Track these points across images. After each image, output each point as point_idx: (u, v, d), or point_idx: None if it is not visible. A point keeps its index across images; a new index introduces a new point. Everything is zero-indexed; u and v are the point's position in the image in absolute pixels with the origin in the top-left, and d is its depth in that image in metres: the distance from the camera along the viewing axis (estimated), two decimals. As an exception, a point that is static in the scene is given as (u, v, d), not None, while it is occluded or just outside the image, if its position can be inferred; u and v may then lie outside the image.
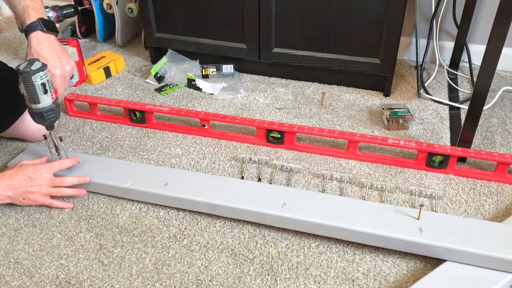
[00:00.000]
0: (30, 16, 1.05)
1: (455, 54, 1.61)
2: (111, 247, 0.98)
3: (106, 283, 0.90)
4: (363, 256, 0.94)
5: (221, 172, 1.18)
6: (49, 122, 1.04)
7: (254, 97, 1.52)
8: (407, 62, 1.72)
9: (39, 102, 1.00)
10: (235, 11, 1.49)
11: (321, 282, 0.89)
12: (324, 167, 1.19)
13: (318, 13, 1.41)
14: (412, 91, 1.54)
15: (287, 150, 1.26)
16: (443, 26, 1.65)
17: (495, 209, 1.05)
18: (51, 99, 1.01)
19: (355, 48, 1.44)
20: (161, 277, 0.91)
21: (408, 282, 0.88)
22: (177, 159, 1.23)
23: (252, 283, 0.89)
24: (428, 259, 0.92)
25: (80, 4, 1.80)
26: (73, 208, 1.07)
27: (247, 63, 1.63)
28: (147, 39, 1.68)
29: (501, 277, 0.85)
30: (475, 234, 0.89)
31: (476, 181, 1.13)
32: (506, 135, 1.31)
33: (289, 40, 1.50)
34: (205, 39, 1.60)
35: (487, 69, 1.03)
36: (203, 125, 1.31)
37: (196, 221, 1.03)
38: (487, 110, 1.41)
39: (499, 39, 0.99)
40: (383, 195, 1.08)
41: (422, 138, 1.30)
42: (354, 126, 1.36)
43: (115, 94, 1.55)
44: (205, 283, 0.89)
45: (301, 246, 0.96)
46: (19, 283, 0.90)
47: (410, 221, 0.93)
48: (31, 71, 0.95)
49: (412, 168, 1.17)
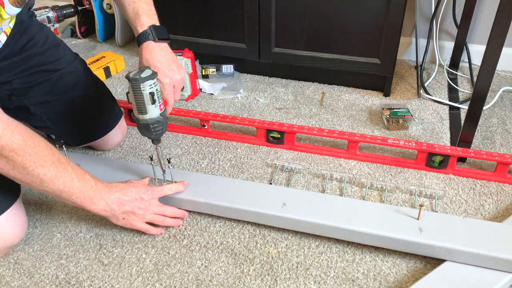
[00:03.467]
0: (141, 24, 0.98)
1: (455, 54, 1.61)
2: (111, 247, 0.97)
3: (106, 283, 0.90)
4: (363, 256, 0.94)
5: (220, 173, 1.18)
6: (155, 135, 0.95)
7: (254, 97, 1.52)
8: (407, 62, 1.72)
9: (146, 112, 0.92)
10: (235, 11, 1.48)
11: (321, 282, 0.89)
12: (324, 167, 1.19)
13: (318, 13, 1.41)
14: (412, 91, 1.54)
15: (287, 150, 1.26)
16: (443, 26, 1.65)
17: (495, 209, 1.05)
18: (159, 110, 0.93)
19: (355, 48, 1.44)
20: (161, 277, 0.91)
21: (408, 282, 0.88)
22: (177, 159, 1.23)
23: (252, 283, 0.89)
24: (428, 259, 0.92)
25: (80, 4, 1.80)
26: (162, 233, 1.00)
27: (247, 63, 1.63)
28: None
29: (501, 277, 0.85)
30: (475, 234, 0.89)
31: (476, 181, 1.13)
32: (506, 135, 1.31)
33: (289, 40, 1.49)
34: (205, 39, 1.60)
35: (487, 69, 1.03)
36: (203, 125, 1.31)
37: (196, 221, 1.03)
38: (487, 110, 1.41)
39: (499, 39, 0.99)
40: (383, 195, 1.08)
41: (422, 138, 1.30)
42: (354, 126, 1.36)
43: (115, 94, 1.54)
44: (205, 283, 0.89)
45: (301, 246, 0.96)
46: (19, 283, 0.90)
47: (410, 221, 0.93)
48: (140, 79, 0.88)
49: (412, 168, 1.17)
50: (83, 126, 1.17)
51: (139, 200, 0.93)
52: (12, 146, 0.77)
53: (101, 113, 1.20)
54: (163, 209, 0.97)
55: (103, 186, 0.90)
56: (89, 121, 1.18)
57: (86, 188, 0.87)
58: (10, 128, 0.77)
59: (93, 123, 1.18)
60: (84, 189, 0.86)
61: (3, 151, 0.76)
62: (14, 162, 0.78)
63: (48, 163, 0.81)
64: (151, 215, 0.96)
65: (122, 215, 0.93)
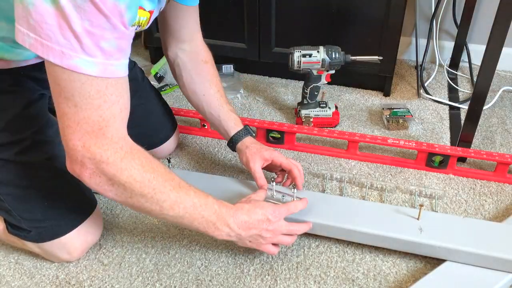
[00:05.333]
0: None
1: (455, 54, 1.61)
2: (111, 247, 0.97)
3: (106, 283, 0.90)
4: (363, 256, 0.94)
5: (220, 173, 1.18)
6: None
7: (254, 97, 1.52)
8: (407, 62, 1.72)
9: None
10: (235, 11, 1.48)
11: (321, 282, 0.89)
12: (324, 167, 1.19)
13: (318, 13, 1.41)
14: (412, 91, 1.54)
15: (287, 150, 1.26)
16: (443, 26, 1.65)
17: (495, 209, 1.05)
18: None
19: (355, 48, 1.44)
20: (161, 277, 0.91)
21: (408, 282, 0.88)
22: (177, 159, 1.23)
23: (252, 283, 0.89)
24: (428, 259, 0.92)
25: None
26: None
27: (247, 63, 1.63)
28: (147, 39, 1.68)
29: (501, 277, 0.85)
30: (475, 234, 0.89)
31: (476, 181, 1.13)
32: (506, 135, 1.31)
33: (289, 40, 1.49)
34: (205, 39, 1.59)
35: (487, 69, 1.03)
36: (203, 125, 1.31)
37: (196, 221, 1.03)
38: (487, 110, 1.41)
39: (499, 39, 0.99)
40: (383, 195, 1.08)
41: (422, 138, 1.30)
42: (354, 126, 1.36)
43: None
44: (205, 283, 0.89)
45: (301, 246, 0.96)
46: (19, 283, 0.90)
47: (410, 221, 0.93)
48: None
49: (412, 168, 1.17)
50: (143, 134, 1.15)
51: (266, 221, 0.84)
52: (131, 171, 0.72)
53: (160, 121, 1.18)
54: (291, 229, 0.88)
55: (227, 209, 0.82)
56: (149, 129, 1.14)
57: (209, 213, 0.79)
58: (132, 151, 0.73)
59: (152, 131, 1.15)
60: (207, 214, 0.79)
61: (122, 177, 0.71)
62: (132, 190, 0.73)
63: (167, 189, 0.75)
64: (281, 237, 0.87)
65: (249, 239, 0.84)
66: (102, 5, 0.59)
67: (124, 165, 0.71)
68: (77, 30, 0.59)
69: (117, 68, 0.66)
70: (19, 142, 0.85)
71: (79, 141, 0.68)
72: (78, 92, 0.64)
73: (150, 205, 0.75)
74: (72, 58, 0.61)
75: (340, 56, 1.24)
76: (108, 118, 0.68)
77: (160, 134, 1.19)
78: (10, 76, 0.86)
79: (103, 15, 0.60)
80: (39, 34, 0.59)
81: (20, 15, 0.59)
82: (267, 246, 0.87)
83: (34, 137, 0.86)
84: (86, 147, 0.68)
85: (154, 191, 0.74)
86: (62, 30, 0.59)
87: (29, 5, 0.57)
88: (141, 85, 1.14)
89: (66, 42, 0.60)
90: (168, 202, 0.76)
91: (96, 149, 0.69)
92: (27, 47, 0.61)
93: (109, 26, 0.61)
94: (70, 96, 0.65)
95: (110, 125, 0.69)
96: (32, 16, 0.58)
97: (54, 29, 0.59)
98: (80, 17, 0.59)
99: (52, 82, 0.65)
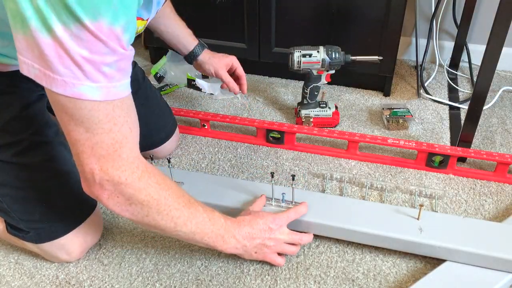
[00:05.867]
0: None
1: (455, 54, 1.61)
2: (111, 247, 0.97)
3: (106, 283, 0.90)
4: (363, 256, 0.94)
5: (220, 173, 1.18)
6: None
7: (254, 97, 1.52)
8: (407, 62, 1.72)
9: None
10: (235, 11, 1.48)
11: (321, 282, 0.89)
12: (324, 167, 1.19)
13: (318, 13, 1.41)
14: (412, 91, 1.54)
15: (287, 150, 1.26)
16: (443, 26, 1.65)
17: (495, 209, 1.05)
18: None
19: (355, 48, 1.44)
20: (161, 277, 0.91)
21: (408, 282, 0.88)
22: (177, 159, 1.23)
23: (252, 283, 0.89)
24: (428, 259, 0.92)
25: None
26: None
27: (247, 63, 1.63)
28: (147, 39, 1.68)
29: (501, 277, 0.85)
30: (475, 234, 0.89)
31: (476, 181, 1.13)
32: (506, 135, 1.31)
33: (289, 40, 1.49)
34: (205, 39, 1.59)
35: (487, 69, 1.03)
36: (203, 125, 1.31)
37: (196, 221, 1.03)
38: (487, 110, 1.41)
39: (499, 39, 0.98)
40: (383, 195, 1.08)
41: (422, 138, 1.30)
42: (354, 126, 1.36)
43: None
44: (205, 283, 0.89)
45: (301, 246, 0.96)
46: (19, 283, 0.90)
47: (410, 221, 0.93)
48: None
49: (412, 168, 1.17)
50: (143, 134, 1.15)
51: (268, 230, 0.86)
52: (148, 190, 0.73)
53: (160, 121, 1.18)
54: (293, 237, 0.90)
55: (232, 222, 0.84)
56: (149, 129, 1.12)
57: (217, 226, 0.82)
58: (148, 170, 0.73)
59: (153, 130, 1.16)
60: (215, 228, 0.81)
61: (140, 196, 0.72)
62: (150, 208, 0.74)
63: (181, 205, 0.77)
64: (283, 246, 0.89)
65: (254, 250, 0.87)
66: (98, 31, 0.58)
67: (142, 184, 0.72)
68: (77, 58, 0.59)
69: (120, 90, 0.66)
70: (17, 143, 0.85)
71: (96, 164, 0.68)
72: (87, 118, 0.65)
73: (165, 222, 0.77)
74: (75, 86, 0.61)
75: (340, 56, 1.24)
76: (120, 140, 0.69)
77: (160, 134, 1.19)
78: (8, 77, 0.86)
79: (100, 41, 0.59)
80: (42, 65, 0.59)
81: (23, 46, 0.59)
82: (273, 256, 0.89)
83: (32, 138, 0.86)
84: (103, 170, 0.69)
85: (170, 208, 0.76)
86: (62, 59, 0.59)
87: (30, 36, 0.57)
88: (142, 85, 1.14)
89: (67, 71, 0.60)
90: (182, 219, 0.77)
91: (114, 171, 0.69)
92: (33, 78, 0.61)
93: (108, 50, 0.61)
94: (79, 123, 0.65)
95: (123, 145, 0.69)
96: (34, 47, 0.58)
97: (53, 60, 0.59)
98: (78, 46, 0.58)
99: (58, 112, 0.65)
